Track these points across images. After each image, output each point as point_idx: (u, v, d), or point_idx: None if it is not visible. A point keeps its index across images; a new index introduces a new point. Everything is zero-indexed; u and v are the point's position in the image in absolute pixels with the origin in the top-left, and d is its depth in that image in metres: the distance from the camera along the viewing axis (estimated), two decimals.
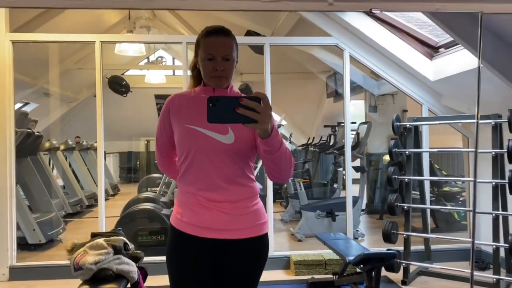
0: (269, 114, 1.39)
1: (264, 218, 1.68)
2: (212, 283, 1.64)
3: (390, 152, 3.92)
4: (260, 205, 1.69)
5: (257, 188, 1.71)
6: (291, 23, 5.16)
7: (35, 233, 5.05)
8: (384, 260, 3.02)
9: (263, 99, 1.37)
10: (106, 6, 2.73)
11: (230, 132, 1.58)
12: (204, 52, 1.60)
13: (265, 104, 1.37)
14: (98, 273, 2.59)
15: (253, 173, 1.70)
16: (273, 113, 1.45)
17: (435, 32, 4.21)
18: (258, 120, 1.37)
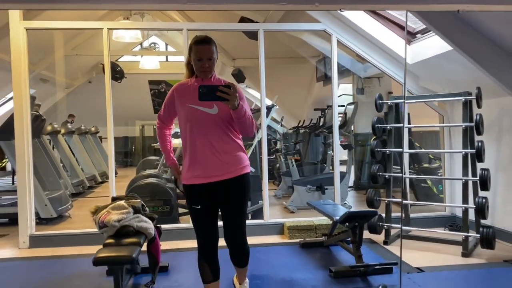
0: (236, 95, 2.25)
1: (245, 163, 2.51)
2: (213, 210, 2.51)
3: (373, 127, 4.37)
4: (242, 154, 2.51)
5: (239, 143, 2.51)
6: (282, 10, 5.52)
7: (47, 208, 5.43)
8: (366, 217, 3.49)
9: (233, 87, 2.26)
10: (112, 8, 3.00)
11: (215, 107, 2.40)
12: (195, 55, 2.40)
13: (234, 90, 2.25)
14: (120, 229, 3.01)
15: (235, 134, 2.48)
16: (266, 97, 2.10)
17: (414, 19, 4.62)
18: (229, 99, 2.25)
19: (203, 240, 2.52)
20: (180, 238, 4.45)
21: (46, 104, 9.92)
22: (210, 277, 2.53)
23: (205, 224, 2.50)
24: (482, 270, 3.54)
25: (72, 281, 3.44)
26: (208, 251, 2.52)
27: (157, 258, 3.24)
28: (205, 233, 2.51)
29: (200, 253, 2.53)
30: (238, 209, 2.53)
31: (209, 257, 2.52)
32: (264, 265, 3.73)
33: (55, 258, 4.05)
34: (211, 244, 2.52)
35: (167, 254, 3.93)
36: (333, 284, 3.24)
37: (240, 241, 2.59)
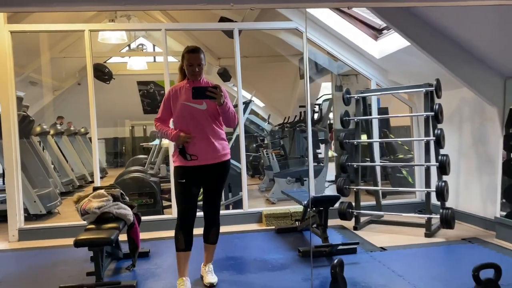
0: (221, 94, 2.79)
1: (227, 150, 3.02)
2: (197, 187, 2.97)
3: (341, 120, 4.64)
4: (226, 142, 3.04)
5: (223, 133, 3.00)
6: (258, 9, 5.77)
7: (36, 205, 5.63)
8: (330, 202, 3.75)
9: (219, 88, 2.79)
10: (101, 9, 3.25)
11: (204, 104, 2.90)
12: (187, 61, 2.91)
13: (220, 90, 2.78)
14: (101, 216, 3.25)
15: (219, 126, 2.99)
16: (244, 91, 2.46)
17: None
18: (216, 97, 2.78)
19: (184, 211, 2.90)
20: (163, 229, 4.69)
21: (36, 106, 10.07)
22: (183, 245, 2.89)
23: (187, 196, 2.90)
24: (441, 247, 3.82)
25: (57, 266, 3.67)
26: (187, 221, 2.89)
27: (137, 243, 3.48)
28: (186, 205, 2.90)
29: (178, 223, 2.91)
30: (219, 188, 3.07)
31: (186, 227, 2.89)
32: (239, 249, 3.99)
33: (43, 249, 4.28)
34: (190, 216, 2.91)
35: (150, 242, 4.17)
36: (300, 262, 3.50)
37: (216, 214, 3.09)
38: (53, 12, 4.36)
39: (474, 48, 3.86)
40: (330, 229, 4.21)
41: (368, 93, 4.83)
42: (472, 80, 3.99)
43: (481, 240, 3.93)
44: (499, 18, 3.31)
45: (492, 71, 3.96)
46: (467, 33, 3.76)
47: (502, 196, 3.99)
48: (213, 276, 3.08)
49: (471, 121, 4.50)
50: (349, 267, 3.13)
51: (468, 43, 3.86)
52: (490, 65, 3.93)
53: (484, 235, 4.08)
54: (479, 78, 3.97)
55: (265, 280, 3.14)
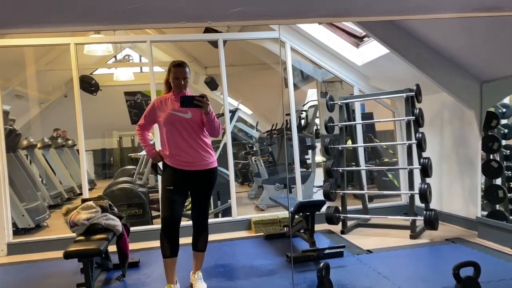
0: (207, 103, 2.90)
1: (213, 158, 3.14)
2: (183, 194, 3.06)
3: (326, 126, 4.74)
4: (211, 151, 3.13)
5: (208, 141, 3.13)
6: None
7: (24, 219, 5.62)
8: (316, 207, 3.82)
9: (205, 97, 2.90)
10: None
11: (189, 113, 3.03)
12: (173, 74, 3.05)
13: (206, 99, 2.90)
14: (90, 227, 3.28)
15: (206, 136, 3.10)
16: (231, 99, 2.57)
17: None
18: (202, 106, 2.89)
19: (169, 217, 2.96)
20: (152, 239, 4.70)
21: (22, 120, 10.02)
22: (168, 251, 2.95)
23: (172, 202, 2.97)
24: (425, 248, 3.92)
25: (47, 279, 3.68)
26: (171, 227, 2.95)
27: (126, 253, 3.52)
28: (170, 211, 2.96)
29: (163, 229, 2.97)
30: (207, 195, 3.16)
31: (170, 233, 2.95)
32: (228, 256, 4.04)
33: (32, 262, 4.28)
34: (174, 222, 2.96)
35: (139, 252, 4.20)
36: (288, 267, 3.56)
37: (204, 222, 3.16)
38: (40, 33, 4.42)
39: (451, 55, 4.00)
40: (317, 234, 4.28)
41: (351, 99, 4.94)
42: (450, 85, 4.12)
43: (464, 240, 4.04)
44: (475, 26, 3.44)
45: (468, 76, 4.09)
46: (445, 41, 3.89)
47: (483, 197, 4.11)
48: (203, 284, 3.13)
49: (451, 124, 4.63)
50: (335, 270, 3.21)
51: (445, 50, 3.99)
52: (467, 70, 4.07)
53: (466, 235, 4.19)
54: (456, 83, 4.10)
55: (254, 286, 3.19)
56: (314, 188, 6.74)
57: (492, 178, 4.15)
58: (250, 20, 2.23)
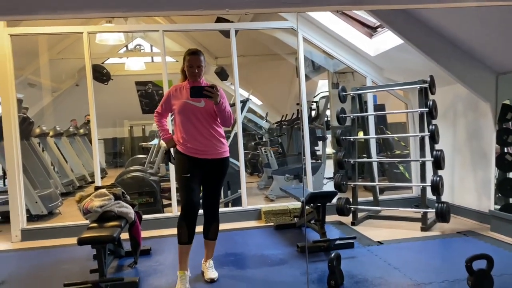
0: (217, 94, 2.92)
1: (225, 147, 3.15)
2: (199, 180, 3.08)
3: (337, 117, 4.71)
4: (224, 140, 3.15)
5: (222, 131, 3.15)
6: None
7: (37, 205, 5.69)
8: (328, 197, 3.82)
9: (215, 87, 2.92)
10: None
11: (202, 102, 3.05)
12: (187, 63, 3.07)
13: (216, 90, 2.92)
14: (103, 214, 3.32)
15: (219, 125, 3.12)
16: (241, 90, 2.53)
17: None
18: (212, 96, 2.92)
19: (189, 203, 2.97)
20: (163, 227, 4.75)
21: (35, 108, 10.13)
22: (186, 238, 2.97)
23: (191, 189, 3.00)
24: (436, 240, 3.90)
25: (61, 265, 3.74)
26: (191, 213, 2.97)
27: (138, 240, 3.55)
28: (190, 198, 2.98)
29: (182, 215, 2.99)
30: (218, 184, 3.19)
31: (190, 219, 2.97)
32: (239, 245, 4.06)
33: (46, 248, 4.35)
34: (195, 208, 2.99)
35: (151, 240, 4.24)
36: (299, 257, 3.57)
37: (215, 210, 3.19)
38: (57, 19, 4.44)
39: (467, 46, 3.94)
40: (328, 225, 4.28)
41: (363, 90, 4.90)
42: (465, 76, 4.07)
43: (476, 233, 4.01)
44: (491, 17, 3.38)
45: (484, 68, 4.04)
46: (461, 32, 3.84)
47: (496, 190, 4.07)
48: (214, 272, 3.16)
49: (465, 117, 4.58)
50: (346, 261, 3.21)
51: (461, 41, 3.93)
52: (483, 62, 4.01)
53: (478, 228, 4.16)
54: (472, 75, 4.05)
55: (264, 275, 3.21)
56: (324, 180, 6.73)
57: (506, 171, 4.09)
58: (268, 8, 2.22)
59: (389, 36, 4.65)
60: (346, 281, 2.91)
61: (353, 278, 3.00)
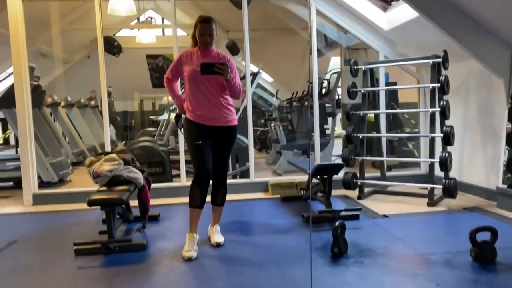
0: (228, 71, 2.91)
1: (234, 116, 3.17)
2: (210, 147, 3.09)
3: (348, 91, 4.68)
4: (232, 109, 3.16)
5: (231, 100, 3.16)
6: None
7: (48, 172, 5.79)
8: (334, 169, 3.83)
9: (225, 64, 2.89)
10: None
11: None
12: (198, 31, 3.02)
13: (226, 67, 2.89)
14: (112, 179, 3.37)
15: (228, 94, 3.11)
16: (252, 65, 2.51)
17: None
18: (222, 74, 2.90)
19: (203, 169, 3.03)
20: (172, 196, 4.83)
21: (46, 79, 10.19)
22: (198, 202, 3.03)
23: (204, 155, 3.04)
24: (442, 215, 3.92)
25: (70, 228, 3.83)
26: (204, 178, 3.04)
27: (147, 206, 3.62)
28: (204, 164, 3.03)
29: (195, 181, 3.04)
30: (227, 151, 3.19)
31: (202, 184, 3.03)
32: (245, 214, 4.12)
33: (56, 212, 4.45)
34: (208, 173, 3.06)
35: (159, 208, 4.30)
36: (304, 227, 3.61)
37: (223, 177, 3.24)
38: None
39: (483, 20, 3.86)
40: (334, 198, 4.29)
41: (376, 64, 4.85)
42: (480, 51, 4.00)
43: (482, 209, 4.01)
44: None
45: (500, 43, 3.96)
46: (477, 5, 3.75)
47: (505, 168, 4.05)
48: (220, 236, 3.22)
49: (477, 93, 4.52)
50: (351, 232, 3.24)
51: (477, 15, 3.85)
52: (499, 36, 3.93)
53: (485, 205, 4.16)
54: (487, 50, 3.98)
55: (270, 242, 3.26)
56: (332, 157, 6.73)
57: None
58: None
59: (403, 10, 4.56)
60: (349, 249, 2.95)
61: (357, 247, 3.03)
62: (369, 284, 2.41)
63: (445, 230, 3.58)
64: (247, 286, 2.45)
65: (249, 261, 2.86)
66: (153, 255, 3.04)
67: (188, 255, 2.91)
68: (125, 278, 2.64)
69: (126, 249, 3.09)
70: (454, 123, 4.29)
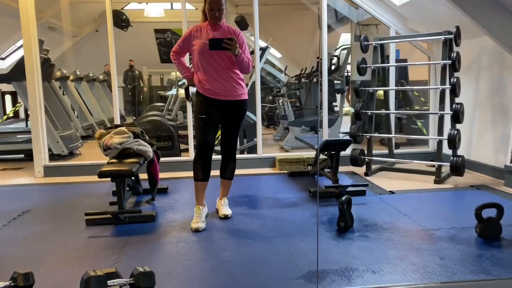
0: (236, 46, 2.89)
1: (244, 90, 3.17)
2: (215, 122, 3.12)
3: (358, 67, 4.64)
4: (243, 83, 3.15)
5: (241, 75, 3.14)
6: None
7: (59, 145, 5.86)
8: (342, 145, 3.84)
9: (233, 39, 2.88)
10: None
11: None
12: (208, 5, 3.00)
13: (235, 42, 2.88)
14: (122, 151, 3.41)
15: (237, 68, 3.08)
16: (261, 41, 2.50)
17: None
18: (231, 49, 2.88)
19: (203, 143, 3.06)
20: (180, 170, 4.88)
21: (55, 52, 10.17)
22: (201, 175, 3.08)
23: (206, 131, 3.06)
24: (448, 192, 3.93)
25: (81, 199, 3.91)
26: (205, 151, 3.06)
27: (156, 179, 3.67)
28: (205, 138, 3.06)
29: (197, 154, 3.09)
30: (236, 126, 3.21)
31: (204, 157, 3.07)
32: (253, 189, 4.17)
33: (67, 184, 4.53)
34: (209, 148, 3.07)
35: (168, 181, 4.37)
36: (310, 201, 3.65)
37: (233, 151, 3.26)
38: None
39: None
40: (341, 174, 4.32)
41: (386, 40, 4.78)
42: (494, 27, 3.92)
43: (489, 187, 4.02)
44: None
45: None
46: None
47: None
48: (228, 209, 3.27)
49: (489, 71, 4.46)
50: (357, 207, 3.28)
51: None
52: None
53: (493, 183, 4.16)
54: (500, 25, 3.89)
55: (277, 215, 3.31)
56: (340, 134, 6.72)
57: None
58: None
59: None
60: (355, 224, 2.99)
61: (362, 222, 3.07)
62: (374, 258, 2.45)
63: (451, 206, 3.60)
64: (254, 258, 2.50)
65: (256, 234, 2.91)
66: (162, 226, 3.11)
67: (195, 226, 2.97)
68: (135, 247, 2.70)
69: (136, 220, 3.16)
70: (464, 101, 4.24)
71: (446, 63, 4.22)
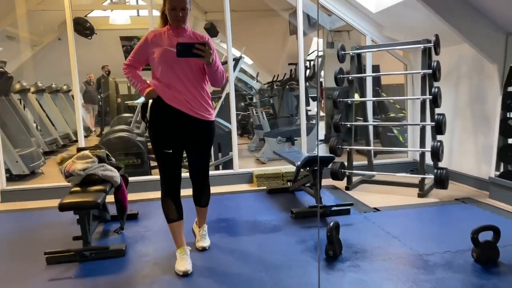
0: (210, 52, 2.38)
1: (210, 110, 2.66)
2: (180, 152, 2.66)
3: (335, 77, 4.47)
4: (210, 102, 2.65)
5: (207, 89, 2.64)
6: None
7: (18, 165, 5.44)
8: (325, 162, 3.65)
9: (208, 45, 2.38)
10: None
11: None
12: (169, 4, 2.51)
13: (209, 47, 2.38)
14: (86, 178, 3.09)
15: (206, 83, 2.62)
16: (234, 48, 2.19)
17: None
18: (204, 56, 2.38)
19: (170, 179, 2.63)
20: (151, 190, 4.56)
21: (14, 63, 9.63)
22: (175, 214, 2.65)
23: (172, 162, 2.61)
24: (434, 208, 3.79)
25: (42, 229, 3.55)
26: (173, 189, 2.65)
27: (125, 205, 3.37)
28: (170, 169, 2.62)
29: (166, 192, 2.65)
30: (206, 150, 2.76)
31: (174, 195, 2.65)
32: (231, 210, 3.91)
33: (27, 211, 4.15)
34: (176, 183, 2.66)
35: (138, 204, 4.06)
36: (293, 224, 3.42)
37: (205, 176, 2.83)
38: None
39: (477, 3, 3.67)
40: (322, 189, 4.14)
41: (364, 49, 4.64)
42: (473, 35, 3.83)
43: (475, 200, 3.91)
44: None
45: (494, 27, 3.79)
46: None
47: (497, 156, 3.93)
48: (206, 240, 2.98)
49: (469, 79, 4.37)
50: (343, 229, 3.06)
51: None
52: (493, 20, 3.76)
53: (477, 195, 4.06)
54: (480, 34, 3.81)
55: (259, 242, 3.06)
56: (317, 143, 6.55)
57: (508, 137, 3.94)
58: None
59: None
60: (344, 250, 2.78)
61: (351, 248, 2.86)
62: None
63: (440, 224, 3.45)
64: None
65: (238, 268, 2.64)
66: (133, 262, 2.80)
67: (183, 269, 2.55)
68: None
69: (104, 256, 2.84)
70: (444, 110, 4.14)
71: (426, 72, 4.09)
